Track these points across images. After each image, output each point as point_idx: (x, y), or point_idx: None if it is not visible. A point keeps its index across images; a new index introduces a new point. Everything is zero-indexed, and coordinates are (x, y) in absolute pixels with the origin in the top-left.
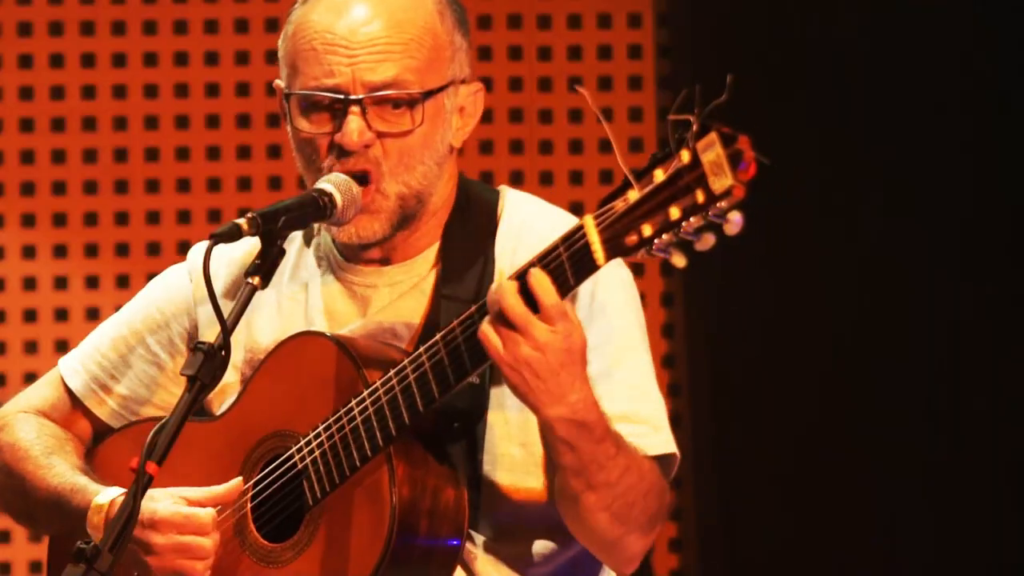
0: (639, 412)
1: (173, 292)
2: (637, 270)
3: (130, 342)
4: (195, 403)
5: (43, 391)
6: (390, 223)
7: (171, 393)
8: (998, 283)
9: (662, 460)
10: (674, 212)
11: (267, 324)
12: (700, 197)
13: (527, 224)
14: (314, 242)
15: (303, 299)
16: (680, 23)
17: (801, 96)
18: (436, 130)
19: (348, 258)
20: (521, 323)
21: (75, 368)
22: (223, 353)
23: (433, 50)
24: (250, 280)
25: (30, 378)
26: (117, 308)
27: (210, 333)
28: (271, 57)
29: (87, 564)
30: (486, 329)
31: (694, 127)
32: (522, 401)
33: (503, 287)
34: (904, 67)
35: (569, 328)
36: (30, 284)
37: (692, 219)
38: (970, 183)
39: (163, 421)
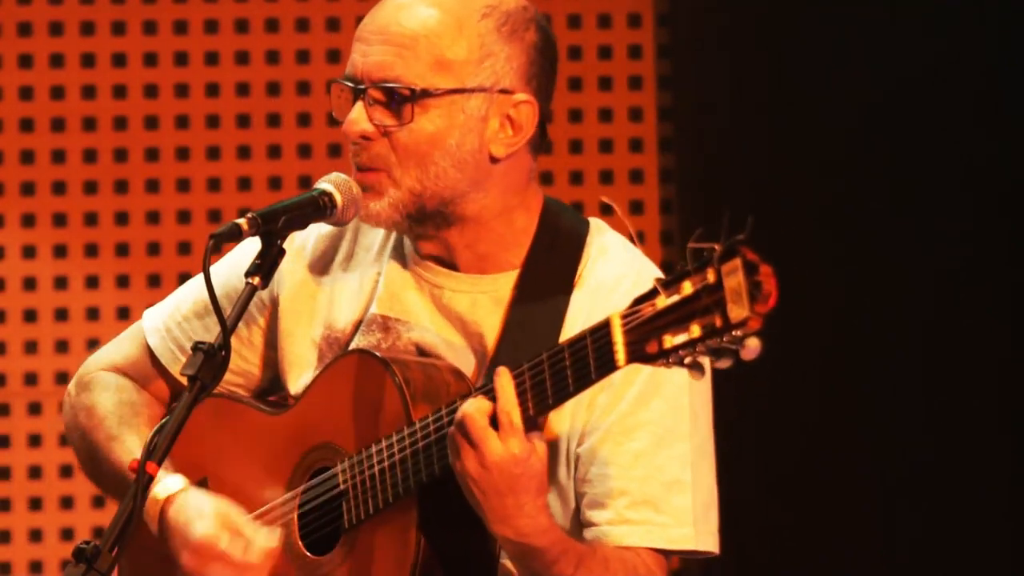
0: (668, 502)
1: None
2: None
3: (208, 306)
4: (195, 403)
5: (125, 347)
6: (398, 211)
7: (243, 358)
8: (998, 284)
9: (677, 552)
10: (695, 329)
11: (347, 303)
12: (718, 321)
13: (607, 286)
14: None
15: (377, 281)
16: (680, 23)
17: (801, 97)
18: (449, 132)
19: (417, 251)
20: (476, 438)
21: (156, 326)
22: (223, 353)
23: (451, 49)
24: (250, 280)
25: (30, 378)
26: (117, 309)
27: (289, 318)
28: (271, 57)
29: (87, 564)
30: (451, 432)
31: (717, 250)
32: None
33: (472, 399)
34: (906, 65)
35: (525, 452)
36: (30, 284)
37: (709, 341)
38: (970, 183)
39: (163, 421)
